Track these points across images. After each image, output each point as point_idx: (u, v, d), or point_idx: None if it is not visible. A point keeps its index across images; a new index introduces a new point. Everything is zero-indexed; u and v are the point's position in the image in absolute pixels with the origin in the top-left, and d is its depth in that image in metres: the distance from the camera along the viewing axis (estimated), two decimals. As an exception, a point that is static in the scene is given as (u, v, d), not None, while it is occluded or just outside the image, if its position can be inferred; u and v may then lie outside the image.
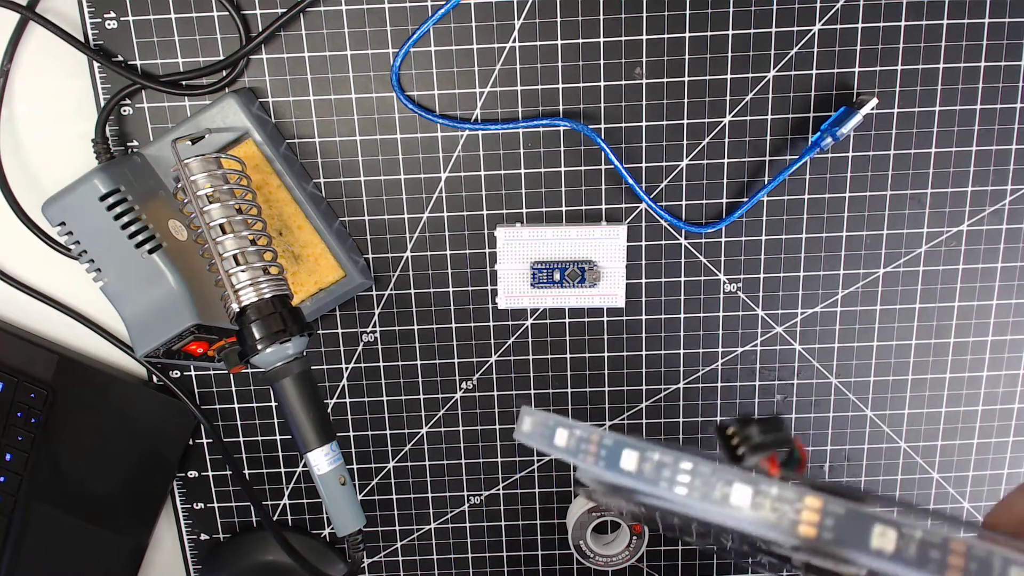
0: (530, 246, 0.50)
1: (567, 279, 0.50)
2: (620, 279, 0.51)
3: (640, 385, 0.54)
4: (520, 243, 0.50)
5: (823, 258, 0.52)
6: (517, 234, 0.50)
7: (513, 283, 0.51)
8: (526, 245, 0.50)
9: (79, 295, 0.53)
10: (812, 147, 0.47)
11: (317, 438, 0.44)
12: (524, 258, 0.50)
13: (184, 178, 0.43)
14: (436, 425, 0.55)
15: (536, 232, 0.50)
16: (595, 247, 0.50)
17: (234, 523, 0.57)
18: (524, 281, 0.51)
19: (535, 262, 0.50)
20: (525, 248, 0.50)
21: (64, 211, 0.44)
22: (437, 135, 0.50)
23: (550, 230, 0.50)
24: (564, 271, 0.50)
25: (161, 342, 0.43)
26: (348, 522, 0.46)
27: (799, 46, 0.48)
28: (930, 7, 0.47)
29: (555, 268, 0.50)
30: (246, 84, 0.49)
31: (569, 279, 0.50)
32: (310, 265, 0.50)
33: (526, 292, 0.51)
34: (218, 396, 0.55)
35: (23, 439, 0.53)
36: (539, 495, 0.57)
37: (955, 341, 0.53)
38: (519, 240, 0.50)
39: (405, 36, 0.48)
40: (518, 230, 0.50)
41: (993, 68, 0.48)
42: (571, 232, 0.50)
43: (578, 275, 0.50)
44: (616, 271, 0.51)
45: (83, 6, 0.47)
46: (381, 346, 0.54)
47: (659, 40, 0.48)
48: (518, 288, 0.51)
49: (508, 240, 0.50)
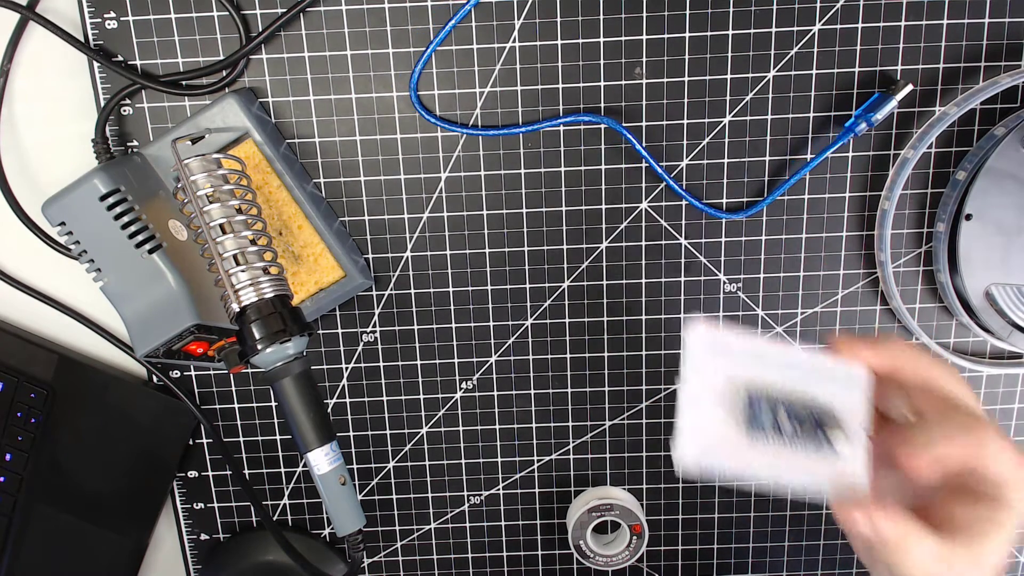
0: (741, 362, 0.32)
1: (796, 426, 0.32)
2: (860, 445, 0.33)
3: (640, 385, 0.54)
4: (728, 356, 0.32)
5: (823, 258, 0.52)
6: (727, 337, 0.32)
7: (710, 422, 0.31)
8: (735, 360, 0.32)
9: (79, 295, 0.53)
10: (847, 132, 0.48)
11: (317, 438, 0.44)
12: (732, 380, 0.32)
13: (184, 178, 0.43)
14: (436, 425, 0.55)
15: (748, 345, 0.32)
16: (822, 387, 0.33)
17: (234, 523, 0.57)
18: (731, 420, 0.31)
19: (752, 390, 0.32)
20: (734, 364, 0.32)
21: (64, 211, 0.44)
22: (437, 135, 0.50)
23: (769, 346, 0.32)
24: (792, 415, 0.32)
25: (161, 342, 0.43)
26: (348, 522, 0.46)
27: (799, 46, 0.48)
28: (930, 7, 0.47)
29: (778, 405, 0.32)
30: (246, 84, 0.49)
31: (799, 430, 0.32)
32: (310, 265, 0.50)
33: (735, 439, 0.31)
34: (218, 396, 0.55)
35: (23, 439, 0.53)
36: (539, 495, 0.57)
37: (955, 341, 0.53)
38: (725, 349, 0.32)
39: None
40: (728, 332, 0.32)
41: (993, 68, 0.48)
42: (791, 356, 0.33)
43: (810, 426, 0.32)
44: (853, 432, 0.33)
45: (83, 6, 0.47)
46: (381, 346, 0.54)
47: (659, 40, 0.48)
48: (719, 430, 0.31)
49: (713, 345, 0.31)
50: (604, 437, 0.55)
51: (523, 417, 0.55)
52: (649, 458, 0.56)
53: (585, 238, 0.51)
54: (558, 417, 0.55)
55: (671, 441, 0.35)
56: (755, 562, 0.58)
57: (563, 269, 0.52)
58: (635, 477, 0.56)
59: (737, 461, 0.31)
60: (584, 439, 0.56)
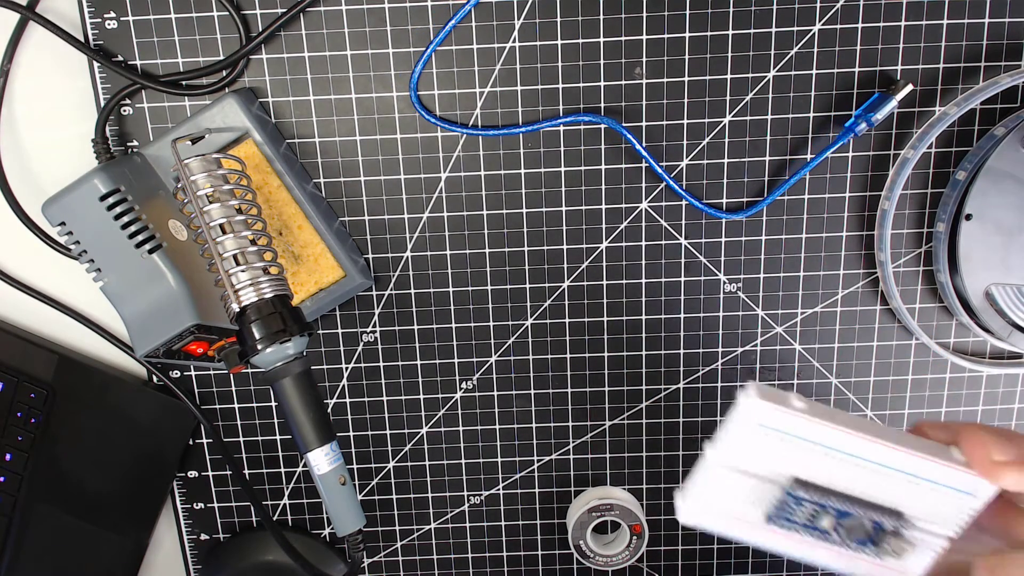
0: (798, 445, 0.28)
1: (842, 533, 0.28)
2: (931, 555, 0.29)
3: (640, 385, 0.54)
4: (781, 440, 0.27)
5: (823, 258, 0.52)
6: (788, 421, 0.27)
7: (728, 493, 0.28)
8: (789, 445, 0.28)
9: (79, 295, 0.53)
10: (847, 132, 0.48)
11: (317, 438, 0.44)
12: (772, 472, 0.28)
13: (184, 178, 0.43)
14: (436, 425, 0.55)
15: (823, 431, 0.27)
16: (916, 494, 0.28)
17: (234, 523, 0.57)
18: (754, 501, 0.29)
19: (796, 482, 0.28)
20: (786, 449, 0.28)
21: (64, 211, 0.44)
22: (437, 135, 0.50)
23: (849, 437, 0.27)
24: (843, 518, 0.28)
25: (161, 342, 0.43)
26: (348, 522, 0.46)
27: (799, 46, 0.48)
28: (930, 7, 0.47)
29: (828, 508, 0.28)
30: (246, 84, 0.49)
31: (846, 534, 0.28)
32: (310, 265, 0.50)
33: (750, 517, 0.29)
34: (218, 396, 0.55)
35: (23, 439, 0.53)
36: (539, 495, 0.57)
37: (955, 341, 0.53)
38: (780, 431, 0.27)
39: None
40: (792, 415, 0.27)
41: (993, 68, 0.48)
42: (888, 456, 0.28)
43: (866, 533, 0.29)
44: (933, 542, 0.29)
45: (83, 6, 0.47)
46: (381, 346, 0.54)
47: (659, 40, 0.48)
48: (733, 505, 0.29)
49: (764, 424, 0.27)
50: (604, 437, 0.55)
51: (523, 417, 0.55)
52: (649, 458, 0.56)
53: (585, 238, 0.51)
54: (558, 417, 0.55)
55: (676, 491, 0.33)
56: (755, 562, 0.58)
57: (563, 269, 0.52)
58: (635, 477, 0.56)
59: (749, 537, 0.28)
60: (584, 439, 0.56)
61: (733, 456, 0.28)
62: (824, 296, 0.52)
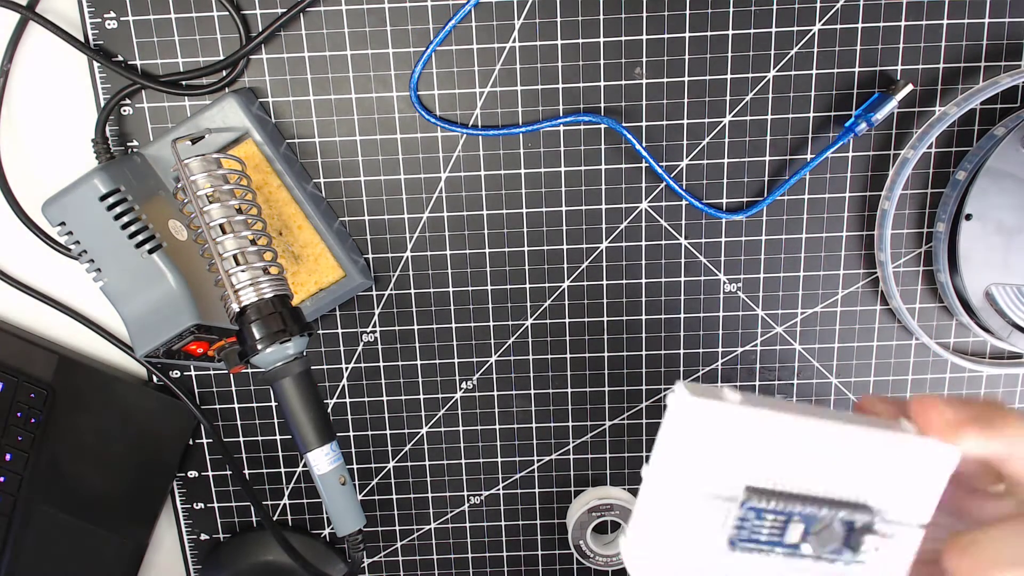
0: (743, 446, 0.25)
1: (815, 544, 0.26)
2: (910, 548, 0.26)
3: (640, 385, 0.54)
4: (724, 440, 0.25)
5: (823, 258, 0.52)
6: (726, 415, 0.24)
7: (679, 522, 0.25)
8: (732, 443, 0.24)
9: (79, 295, 0.53)
10: (847, 132, 0.48)
11: (317, 438, 0.44)
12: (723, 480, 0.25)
13: (184, 178, 0.43)
14: (436, 425, 0.55)
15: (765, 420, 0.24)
16: (879, 476, 0.25)
17: (234, 523, 0.57)
18: (710, 525, 0.25)
19: (751, 491, 0.25)
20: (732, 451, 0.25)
21: (64, 211, 0.44)
22: (437, 135, 0.50)
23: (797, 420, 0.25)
24: (810, 523, 0.25)
25: (161, 342, 0.43)
26: (348, 522, 0.46)
27: (799, 46, 0.48)
28: (930, 7, 0.47)
29: (793, 515, 0.25)
30: (246, 84, 0.49)
31: (819, 544, 0.26)
32: (310, 265, 0.50)
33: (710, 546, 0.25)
34: (218, 396, 0.55)
35: (23, 439, 0.53)
36: (539, 495, 0.57)
37: (955, 341, 0.53)
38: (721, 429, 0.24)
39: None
40: (729, 408, 0.24)
41: (993, 68, 0.48)
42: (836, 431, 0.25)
43: (839, 539, 0.26)
44: (909, 533, 0.26)
45: (83, 6, 0.47)
46: (381, 346, 0.54)
47: (659, 40, 0.48)
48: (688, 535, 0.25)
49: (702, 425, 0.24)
50: (604, 437, 0.55)
51: (523, 417, 0.55)
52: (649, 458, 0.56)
53: (585, 238, 0.51)
54: (558, 417, 0.55)
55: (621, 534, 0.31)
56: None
57: (563, 269, 0.52)
58: (635, 477, 0.56)
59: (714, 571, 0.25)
60: (584, 439, 0.56)
61: (676, 473, 0.24)
62: (824, 296, 0.52)
